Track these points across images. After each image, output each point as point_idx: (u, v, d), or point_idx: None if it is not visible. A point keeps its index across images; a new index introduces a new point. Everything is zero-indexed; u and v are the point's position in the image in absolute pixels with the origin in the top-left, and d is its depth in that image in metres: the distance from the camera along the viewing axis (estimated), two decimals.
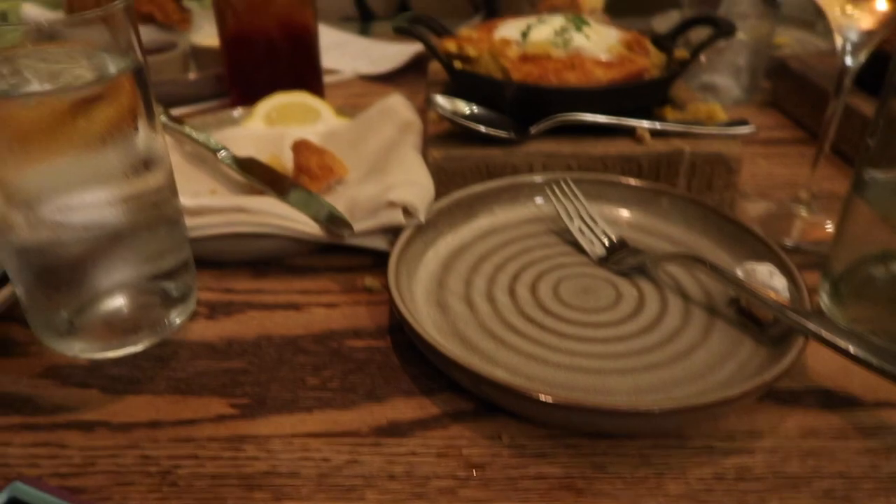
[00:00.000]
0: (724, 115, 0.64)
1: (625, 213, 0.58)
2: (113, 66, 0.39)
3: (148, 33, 0.91)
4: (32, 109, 0.37)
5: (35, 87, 0.37)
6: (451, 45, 0.67)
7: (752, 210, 0.62)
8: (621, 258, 0.52)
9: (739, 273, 0.47)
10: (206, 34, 0.91)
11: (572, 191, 0.57)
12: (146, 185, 0.43)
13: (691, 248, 0.55)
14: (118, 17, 0.38)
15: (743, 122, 0.61)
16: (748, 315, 0.46)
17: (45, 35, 0.38)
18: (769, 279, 0.46)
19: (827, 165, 0.68)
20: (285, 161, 0.62)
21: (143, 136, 0.42)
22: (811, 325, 0.40)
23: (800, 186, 0.61)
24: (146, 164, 0.43)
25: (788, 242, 0.57)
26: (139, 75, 0.40)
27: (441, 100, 0.60)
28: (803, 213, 0.61)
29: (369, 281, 0.53)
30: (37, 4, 0.46)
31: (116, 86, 0.39)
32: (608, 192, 0.59)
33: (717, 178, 0.59)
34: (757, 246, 0.51)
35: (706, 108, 0.64)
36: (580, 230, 0.55)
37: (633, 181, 0.58)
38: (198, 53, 0.90)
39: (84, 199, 0.41)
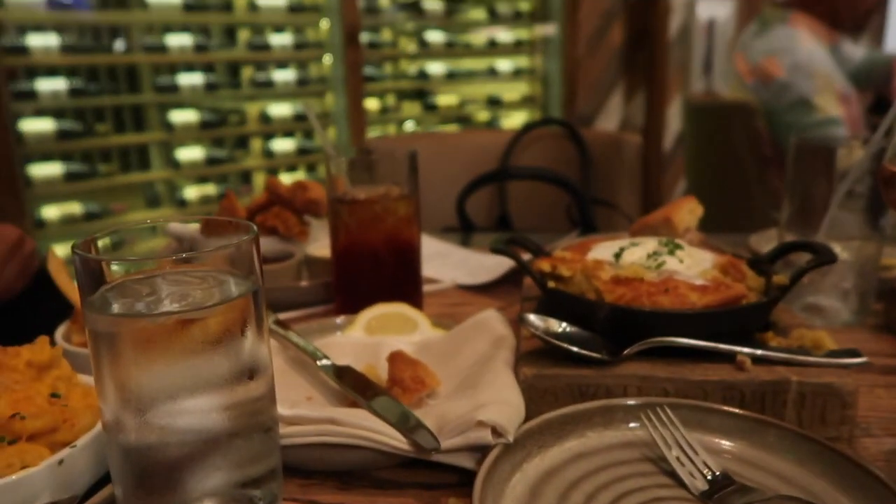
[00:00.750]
0: (832, 342, 0.61)
1: (727, 444, 0.55)
2: (235, 289, 0.43)
3: (270, 243, 1.01)
4: (159, 325, 0.41)
5: (167, 307, 0.42)
6: (544, 266, 0.70)
7: (875, 448, 0.57)
8: (726, 496, 0.48)
9: None
10: (321, 245, 1.00)
11: (669, 417, 0.55)
12: (248, 393, 0.45)
13: (806, 489, 0.50)
14: (245, 248, 0.43)
15: (854, 353, 0.58)
16: None
17: (183, 260, 0.43)
18: None
19: None
20: (380, 370, 0.64)
21: (251, 348, 0.45)
22: None
23: None
24: (251, 373, 0.45)
25: None
26: (256, 296, 0.44)
27: (533, 318, 0.61)
28: None
29: (454, 502, 0.51)
30: (180, 218, 0.52)
31: (235, 306, 0.43)
32: (709, 420, 0.55)
33: (830, 412, 0.55)
34: (883, 492, 0.46)
35: (812, 336, 0.61)
36: (678, 460, 0.52)
37: (736, 410, 0.55)
38: (311, 262, 0.99)
39: (190, 405, 0.44)
